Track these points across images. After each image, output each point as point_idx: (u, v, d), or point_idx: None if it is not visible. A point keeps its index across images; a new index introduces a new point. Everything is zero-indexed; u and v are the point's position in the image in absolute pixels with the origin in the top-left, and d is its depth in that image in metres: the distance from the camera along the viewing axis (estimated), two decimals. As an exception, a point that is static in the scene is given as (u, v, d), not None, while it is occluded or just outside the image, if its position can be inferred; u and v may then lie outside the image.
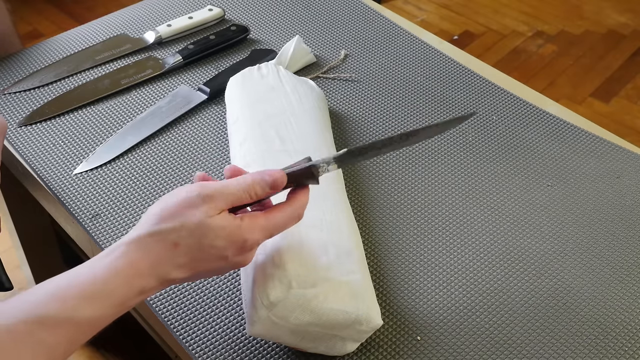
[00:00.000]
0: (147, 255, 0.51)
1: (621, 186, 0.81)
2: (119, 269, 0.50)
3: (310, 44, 0.98)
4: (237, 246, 0.53)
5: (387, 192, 0.79)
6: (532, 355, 0.64)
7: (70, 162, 0.81)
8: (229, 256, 0.53)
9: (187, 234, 0.51)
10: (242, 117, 0.77)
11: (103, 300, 0.49)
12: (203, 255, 0.52)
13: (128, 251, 0.51)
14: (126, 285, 0.50)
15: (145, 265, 0.51)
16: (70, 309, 0.48)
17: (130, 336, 1.29)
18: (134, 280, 0.50)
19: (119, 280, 0.50)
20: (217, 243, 0.52)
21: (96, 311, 0.49)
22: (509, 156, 0.84)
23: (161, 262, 0.51)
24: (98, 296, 0.49)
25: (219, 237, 0.52)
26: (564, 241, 0.75)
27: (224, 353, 0.63)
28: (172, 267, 0.52)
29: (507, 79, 0.96)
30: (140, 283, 0.51)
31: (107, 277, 0.50)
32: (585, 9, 2.30)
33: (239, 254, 0.54)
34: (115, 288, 0.50)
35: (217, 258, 0.53)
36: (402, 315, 0.67)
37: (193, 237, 0.51)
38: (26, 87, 0.90)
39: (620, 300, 0.69)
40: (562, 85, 2.00)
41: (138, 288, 0.51)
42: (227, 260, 0.53)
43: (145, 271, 0.51)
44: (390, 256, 0.72)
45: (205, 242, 0.52)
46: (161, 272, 0.51)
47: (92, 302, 0.49)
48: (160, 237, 0.51)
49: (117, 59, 0.95)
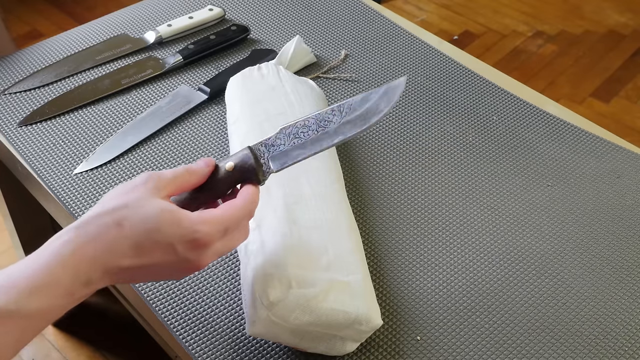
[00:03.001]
0: (90, 239, 0.49)
1: (621, 186, 0.81)
2: (63, 256, 0.48)
3: (311, 44, 0.98)
4: (186, 239, 0.50)
5: (387, 192, 0.79)
6: (532, 355, 0.64)
7: (70, 162, 0.81)
8: (179, 249, 0.50)
9: (130, 211, 0.50)
10: (242, 117, 0.77)
11: (49, 291, 0.47)
12: (148, 238, 0.50)
13: (72, 237, 0.49)
14: (72, 274, 0.48)
15: (89, 250, 0.48)
16: (18, 301, 0.46)
17: (130, 336, 1.29)
18: (79, 269, 0.48)
19: (63, 270, 0.48)
20: (163, 227, 0.50)
21: (44, 302, 0.47)
22: (509, 156, 0.84)
23: (105, 245, 0.49)
24: (44, 287, 0.47)
25: (164, 220, 0.50)
26: (564, 241, 0.75)
27: (224, 353, 0.63)
28: (116, 252, 0.49)
29: (507, 79, 0.96)
30: (85, 272, 0.48)
31: (52, 266, 0.47)
32: (585, 9, 2.30)
33: (192, 249, 0.51)
34: (60, 278, 0.47)
35: (165, 247, 0.50)
36: (402, 315, 0.67)
37: (136, 214, 0.49)
38: (26, 87, 0.90)
39: (620, 300, 0.69)
40: (562, 85, 2.00)
41: (84, 278, 0.48)
42: (178, 253, 0.50)
43: (90, 257, 0.48)
44: (390, 256, 0.72)
45: (149, 222, 0.50)
46: (106, 258, 0.49)
47: (39, 293, 0.47)
48: (104, 217, 0.49)
49: (117, 59, 0.95)
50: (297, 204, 0.65)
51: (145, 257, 0.50)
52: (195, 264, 0.52)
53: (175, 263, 0.51)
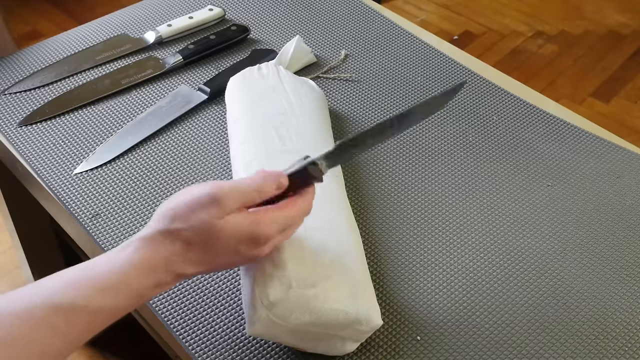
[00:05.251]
0: (159, 253, 0.52)
1: (621, 186, 0.81)
2: (135, 261, 0.51)
3: (311, 44, 0.98)
4: (250, 242, 0.54)
5: (387, 192, 0.79)
6: (532, 355, 0.64)
7: (70, 162, 0.81)
8: (242, 251, 0.54)
9: (198, 235, 0.52)
10: (242, 117, 0.77)
11: (120, 291, 0.50)
12: (216, 253, 0.53)
13: (142, 247, 0.51)
14: (143, 276, 0.51)
15: (159, 261, 0.51)
16: (87, 297, 0.48)
17: (130, 336, 1.29)
18: (150, 273, 0.51)
19: (136, 272, 0.50)
20: (229, 243, 0.53)
21: (112, 301, 0.50)
22: (509, 156, 0.84)
23: (175, 260, 0.52)
24: (115, 287, 0.50)
25: (230, 237, 0.53)
26: (564, 241, 0.75)
27: (224, 353, 0.63)
28: (186, 264, 0.53)
29: (507, 79, 0.96)
30: (156, 276, 0.51)
31: (124, 268, 0.50)
32: (585, 9, 2.30)
33: (253, 249, 0.54)
34: (132, 279, 0.50)
35: (231, 253, 0.54)
36: (402, 315, 0.67)
37: (203, 238, 0.52)
38: (26, 87, 0.90)
39: (620, 300, 0.69)
40: (562, 85, 2.00)
41: (154, 281, 0.51)
42: (241, 254, 0.54)
43: (160, 267, 0.51)
44: (390, 256, 0.72)
45: (217, 242, 0.53)
46: (175, 268, 0.52)
47: (109, 292, 0.49)
48: (171, 236, 0.52)
49: (117, 59, 0.95)
50: (297, 204, 0.65)
51: (213, 264, 0.54)
52: (254, 258, 0.56)
53: (238, 260, 0.55)
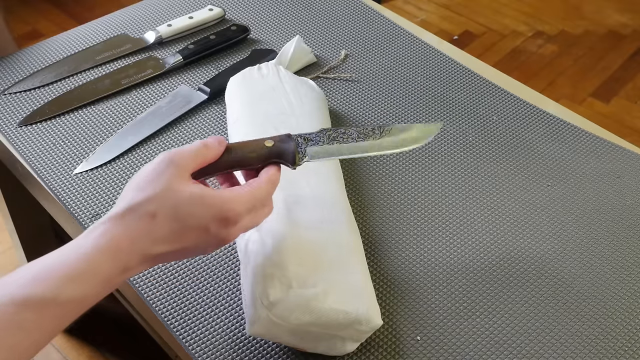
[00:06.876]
0: (126, 230, 0.50)
1: (621, 186, 0.81)
2: (101, 246, 0.50)
3: (311, 44, 0.98)
4: (218, 217, 0.52)
5: (387, 192, 0.79)
6: (532, 355, 0.64)
7: (70, 162, 0.81)
8: (211, 228, 0.52)
9: (161, 202, 0.51)
10: (242, 117, 0.77)
11: (87, 279, 0.49)
12: (182, 225, 0.52)
13: (109, 228, 0.50)
14: (109, 262, 0.50)
15: (125, 241, 0.50)
16: (55, 288, 0.47)
17: (130, 336, 1.29)
18: (117, 257, 0.50)
19: (102, 258, 0.49)
20: (195, 211, 0.52)
21: (81, 290, 0.48)
22: (509, 156, 0.84)
23: (141, 236, 0.51)
24: (82, 275, 0.49)
25: (195, 205, 0.52)
26: (564, 241, 0.75)
27: (224, 353, 0.63)
28: (152, 241, 0.51)
29: (507, 79, 0.96)
30: (123, 260, 0.50)
31: (90, 255, 0.49)
32: (585, 9, 2.30)
33: (222, 227, 0.53)
34: (98, 266, 0.49)
35: (198, 229, 0.52)
36: (402, 315, 0.67)
37: (167, 204, 0.51)
38: (26, 87, 0.90)
39: (620, 300, 0.69)
40: (562, 85, 2.00)
41: (121, 265, 0.50)
42: (210, 233, 0.52)
43: (126, 247, 0.50)
44: (390, 256, 0.72)
45: (181, 209, 0.51)
46: (142, 247, 0.51)
47: (77, 281, 0.48)
48: (137, 210, 0.51)
49: (117, 59, 0.95)
50: (298, 204, 0.65)
51: (180, 242, 0.52)
52: (225, 239, 0.54)
53: (207, 241, 0.54)
